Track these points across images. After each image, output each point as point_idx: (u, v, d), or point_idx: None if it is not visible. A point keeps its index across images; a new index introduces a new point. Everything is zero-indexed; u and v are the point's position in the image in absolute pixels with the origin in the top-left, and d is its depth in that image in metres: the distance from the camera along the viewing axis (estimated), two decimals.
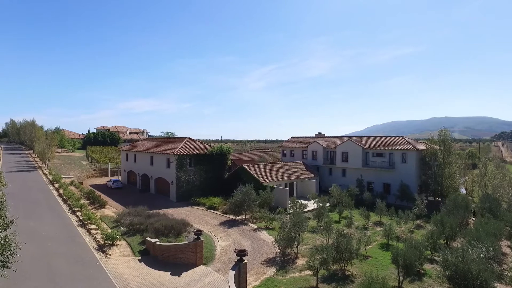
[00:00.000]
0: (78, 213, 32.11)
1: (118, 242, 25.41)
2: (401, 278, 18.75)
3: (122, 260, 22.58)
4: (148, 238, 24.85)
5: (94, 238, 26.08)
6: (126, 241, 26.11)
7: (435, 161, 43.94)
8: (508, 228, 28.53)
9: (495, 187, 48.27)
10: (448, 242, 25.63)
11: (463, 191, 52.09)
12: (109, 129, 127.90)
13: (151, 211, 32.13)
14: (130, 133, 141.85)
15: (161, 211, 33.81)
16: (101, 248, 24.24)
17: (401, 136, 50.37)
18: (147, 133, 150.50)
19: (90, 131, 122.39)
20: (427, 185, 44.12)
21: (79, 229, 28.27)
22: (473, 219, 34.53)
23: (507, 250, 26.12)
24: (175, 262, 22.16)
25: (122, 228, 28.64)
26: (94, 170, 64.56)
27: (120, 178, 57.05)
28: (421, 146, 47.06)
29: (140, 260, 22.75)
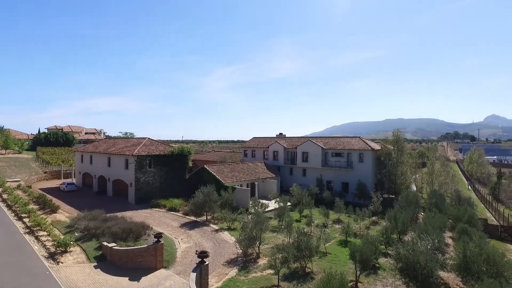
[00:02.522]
0: (26, 220, 29.88)
1: (71, 249, 24.01)
2: (358, 272, 19.61)
3: (75, 268, 21.36)
4: (105, 243, 23.74)
5: (44, 246, 24.39)
6: (81, 247, 24.74)
7: (389, 160, 46.38)
8: (450, 221, 30.99)
9: (441, 183, 52.28)
10: (401, 237, 27.19)
11: (414, 188, 55.68)
12: (62, 129, 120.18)
13: (109, 215, 30.74)
14: (86, 133, 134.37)
15: (119, 214, 32.48)
16: (52, 256, 22.74)
17: (359, 137, 52.67)
18: (104, 133, 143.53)
19: (41, 131, 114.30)
20: (382, 183, 46.43)
21: (27, 236, 26.30)
22: (422, 214, 36.93)
23: (449, 241, 28.37)
24: (134, 266, 21.38)
25: (76, 234, 27.10)
26: (45, 172, 60.41)
27: (74, 181, 53.91)
28: (377, 146, 49.51)
29: (96, 267, 21.68)
